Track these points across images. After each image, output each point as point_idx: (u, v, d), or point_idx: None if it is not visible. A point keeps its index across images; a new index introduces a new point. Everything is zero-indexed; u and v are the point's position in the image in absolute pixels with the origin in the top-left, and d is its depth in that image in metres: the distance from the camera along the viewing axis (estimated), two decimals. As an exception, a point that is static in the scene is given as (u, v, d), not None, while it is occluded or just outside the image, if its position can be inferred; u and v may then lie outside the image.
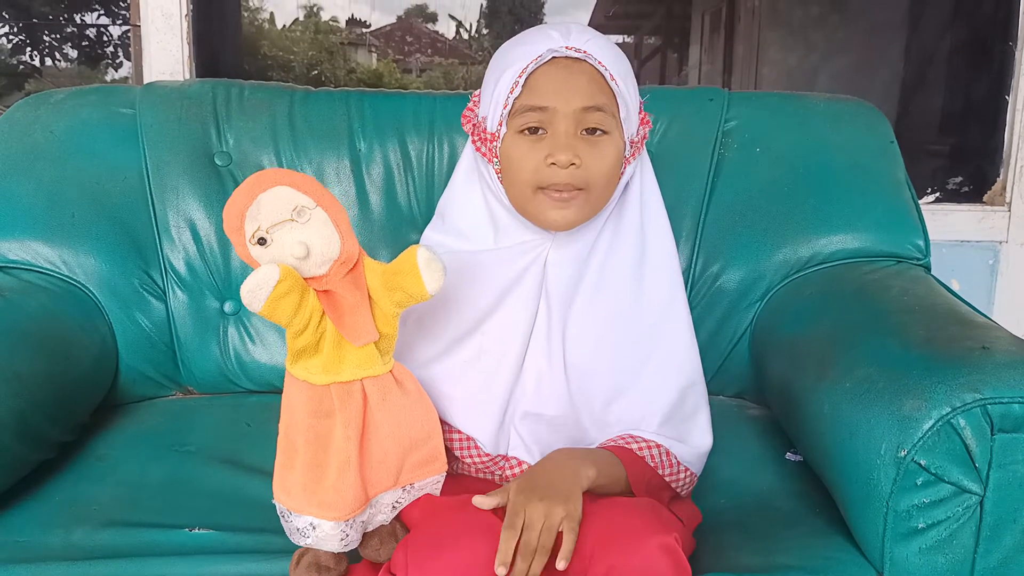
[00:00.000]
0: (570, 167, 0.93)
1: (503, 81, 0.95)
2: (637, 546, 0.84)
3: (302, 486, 0.88)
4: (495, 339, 1.01)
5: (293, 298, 0.84)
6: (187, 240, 1.42)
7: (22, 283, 1.32)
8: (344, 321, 0.86)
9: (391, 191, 1.46)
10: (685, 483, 1.03)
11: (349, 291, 0.86)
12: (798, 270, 1.40)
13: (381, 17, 9.72)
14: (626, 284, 1.02)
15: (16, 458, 1.09)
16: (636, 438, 1.00)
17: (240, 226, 0.84)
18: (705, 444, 1.04)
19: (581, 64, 0.94)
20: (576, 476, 0.91)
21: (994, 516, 0.94)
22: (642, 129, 1.00)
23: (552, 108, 0.93)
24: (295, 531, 0.91)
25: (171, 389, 1.44)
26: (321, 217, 0.84)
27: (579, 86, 0.93)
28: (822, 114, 1.49)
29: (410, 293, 0.86)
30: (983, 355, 0.98)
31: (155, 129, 1.43)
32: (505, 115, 0.95)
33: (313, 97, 1.49)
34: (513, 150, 0.95)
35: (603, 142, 0.95)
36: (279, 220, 0.83)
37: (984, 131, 2.00)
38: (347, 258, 0.86)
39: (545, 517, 0.85)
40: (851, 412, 1.01)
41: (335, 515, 0.88)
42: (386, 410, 0.89)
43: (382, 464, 0.90)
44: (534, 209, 0.96)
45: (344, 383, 0.88)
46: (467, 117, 1.02)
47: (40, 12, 4.28)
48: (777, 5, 5.60)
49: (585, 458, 0.95)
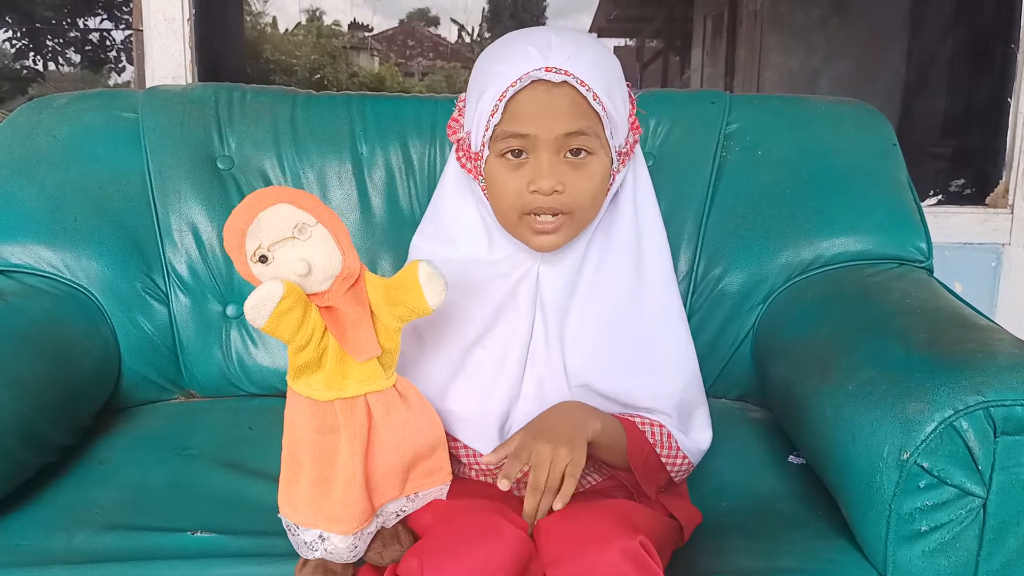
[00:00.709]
0: (553, 194, 0.92)
1: (484, 101, 0.93)
2: (600, 552, 0.84)
3: (308, 501, 0.89)
4: (492, 352, 1.00)
5: (296, 314, 0.84)
6: (189, 244, 1.42)
7: (24, 287, 1.32)
8: (347, 337, 0.86)
9: (393, 194, 1.46)
10: (681, 469, 1.02)
11: (351, 306, 0.86)
12: (800, 273, 1.40)
13: (383, 21, 9.74)
14: (623, 286, 1.01)
15: (18, 462, 1.09)
16: (640, 416, 1.01)
17: (241, 244, 0.83)
18: (704, 440, 1.04)
19: (562, 87, 0.90)
20: (583, 424, 0.93)
21: (997, 519, 0.93)
22: (632, 135, 0.98)
23: (533, 135, 0.91)
24: (303, 544, 0.91)
25: (173, 392, 1.44)
26: (322, 234, 0.84)
27: (560, 111, 0.90)
28: (824, 117, 1.49)
29: (412, 308, 0.86)
30: (986, 358, 0.98)
31: (157, 133, 1.43)
32: (487, 138, 0.93)
33: (315, 101, 1.50)
34: (496, 173, 0.94)
35: (588, 163, 0.93)
36: (280, 238, 0.83)
37: (986, 133, 2.00)
38: (348, 273, 0.86)
39: (551, 459, 0.88)
40: (853, 415, 1.01)
41: (344, 529, 0.88)
42: (390, 424, 0.89)
43: (387, 477, 0.90)
44: (519, 233, 0.96)
45: (348, 399, 0.88)
46: (452, 128, 1.00)
47: (43, 17, 4.29)
48: (779, 8, 5.60)
49: (592, 412, 0.97)
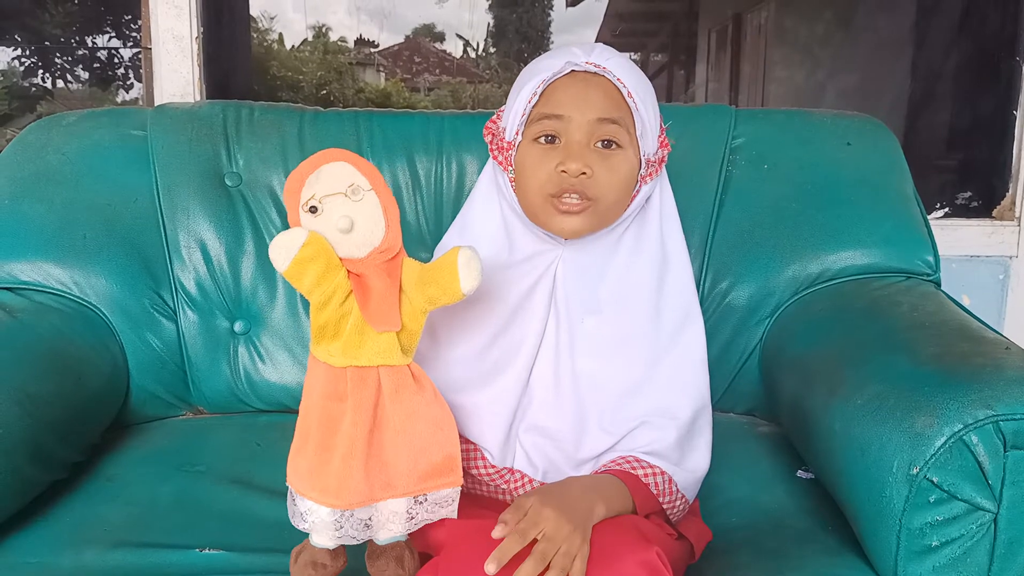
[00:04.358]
0: (580, 176, 0.95)
1: (523, 92, 0.98)
2: (618, 565, 0.83)
3: (309, 468, 0.89)
4: (506, 351, 1.02)
5: (317, 266, 0.86)
6: (198, 260, 1.42)
7: (34, 304, 1.33)
8: (369, 305, 0.87)
9: (400, 210, 1.46)
10: (679, 510, 1.01)
11: (380, 277, 0.88)
12: (807, 286, 1.39)
13: (389, 37, 9.77)
14: (643, 304, 1.02)
15: (27, 479, 1.10)
16: (641, 462, 0.99)
17: (298, 190, 0.87)
18: (703, 468, 1.03)
19: (599, 78, 0.97)
20: (590, 514, 0.90)
21: (1008, 534, 0.93)
22: (661, 151, 1.02)
23: (567, 117, 0.96)
24: (297, 514, 0.91)
25: (181, 409, 1.45)
26: (373, 200, 0.87)
27: (595, 98, 0.96)
28: (830, 130, 1.49)
29: (444, 288, 0.88)
30: (994, 371, 0.97)
31: (166, 150, 1.44)
32: (522, 123, 0.98)
33: (322, 117, 1.50)
34: (527, 157, 0.98)
35: (616, 156, 0.97)
36: (333, 192, 0.86)
37: (992, 146, 2.00)
38: (387, 248, 0.88)
39: (566, 542, 0.84)
40: (862, 429, 1.01)
41: (333, 502, 0.88)
42: (399, 403, 0.89)
43: (391, 463, 0.89)
44: (544, 215, 0.98)
45: (360, 368, 0.89)
46: (488, 129, 1.05)
47: (52, 35, 4.33)
48: (783, 23, 5.61)
49: (597, 494, 0.93)
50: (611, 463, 1.00)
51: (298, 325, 1.43)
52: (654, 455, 0.99)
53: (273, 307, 1.44)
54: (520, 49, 9.03)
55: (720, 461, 1.05)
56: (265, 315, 1.44)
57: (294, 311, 1.44)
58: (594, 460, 1.01)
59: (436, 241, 1.12)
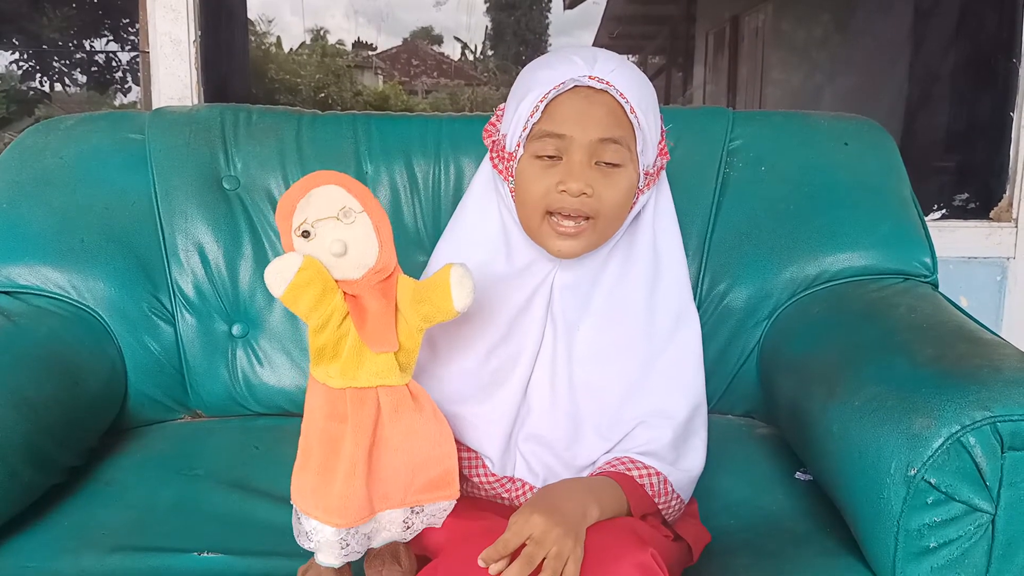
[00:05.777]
0: (580, 196, 0.94)
1: (525, 104, 0.97)
2: (612, 568, 0.83)
3: (312, 488, 0.89)
4: (505, 363, 1.02)
5: (313, 291, 0.86)
6: (196, 264, 1.42)
7: (32, 308, 1.33)
8: (366, 327, 0.87)
9: (398, 213, 1.47)
10: (674, 510, 1.01)
11: (376, 298, 0.88)
12: (805, 288, 1.40)
13: (387, 40, 9.79)
14: (637, 309, 1.02)
15: (25, 483, 1.10)
16: (636, 463, 0.99)
17: (289, 215, 0.87)
18: (698, 467, 1.03)
19: (602, 95, 0.95)
20: (584, 517, 0.90)
21: (1006, 535, 0.93)
22: (659, 160, 1.01)
23: (569, 136, 0.95)
24: (302, 533, 0.91)
25: (180, 413, 1.45)
26: (365, 223, 0.87)
27: (598, 117, 0.95)
28: (827, 132, 1.50)
29: (437, 306, 0.88)
30: (992, 372, 0.97)
31: (164, 154, 1.44)
32: (524, 137, 0.97)
33: (320, 121, 1.50)
34: (527, 172, 0.97)
35: (616, 174, 0.96)
36: (324, 216, 0.86)
37: (990, 148, 2.00)
38: (382, 268, 0.88)
39: (556, 544, 0.84)
40: (860, 431, 1.01)
41: (337, 522, 0.88)
42: (397, 422, 0.90)
43: (390, 479, 0.90)
44: (541, 236, 0.98)
45: (359, 389, 0.89)
46: (488, 132, 1.04)
47: (50, 39, 4.33)
48: (780, 25, 5.62)
49: (591, 496, 0.93)
50: (606, 464, 1.00)
51: (296, 329, 1.43)
52: (649, 455, 0.99)
53: (271, 310, 1.44)
54: (518, 52, 9.04)
55: (719, 463, 1.06)
56: (263, 318, 1.44)
57: (292, 315, 1.43)
58: (592, 466, 1.01)
59: (434, 244, 1.12)
